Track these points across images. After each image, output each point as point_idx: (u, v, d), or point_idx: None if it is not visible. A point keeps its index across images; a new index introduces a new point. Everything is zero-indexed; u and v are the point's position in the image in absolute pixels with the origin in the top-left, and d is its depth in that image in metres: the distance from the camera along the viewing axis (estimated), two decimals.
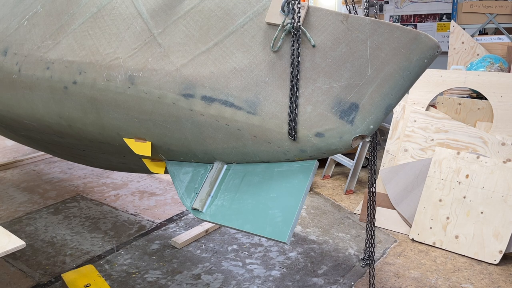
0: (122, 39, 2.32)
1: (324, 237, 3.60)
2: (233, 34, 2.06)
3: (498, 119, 3.61)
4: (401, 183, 3.80)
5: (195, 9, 2.17)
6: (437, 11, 5.85)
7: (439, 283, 3.00)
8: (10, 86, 2.76)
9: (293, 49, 1.90)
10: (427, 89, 3.97)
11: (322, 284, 2.96)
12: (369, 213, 2.90)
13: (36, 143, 3.48)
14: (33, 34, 2.67)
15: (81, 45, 2.44)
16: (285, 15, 1.92)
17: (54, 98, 2.54)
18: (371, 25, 1.82)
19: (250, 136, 1.99)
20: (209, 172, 2.21)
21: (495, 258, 3.21)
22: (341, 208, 4.20)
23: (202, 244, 3.46)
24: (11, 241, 2.09)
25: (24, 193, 4.38)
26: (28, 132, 3.09)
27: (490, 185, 3.38)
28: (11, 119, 2.99)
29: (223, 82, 2.03)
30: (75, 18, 2.52)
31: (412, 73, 1.81)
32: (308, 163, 1.97)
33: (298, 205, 1.92)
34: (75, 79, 2.41)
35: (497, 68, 3.96)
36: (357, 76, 1.83)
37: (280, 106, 1.92)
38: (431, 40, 1.77)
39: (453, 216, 3.45)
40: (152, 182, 4.70)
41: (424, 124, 3.88)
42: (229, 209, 2.08)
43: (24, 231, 3.57)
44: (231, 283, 2.95)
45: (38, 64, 2.57)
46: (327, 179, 4.98)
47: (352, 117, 1.83)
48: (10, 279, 2.94)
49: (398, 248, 3.45)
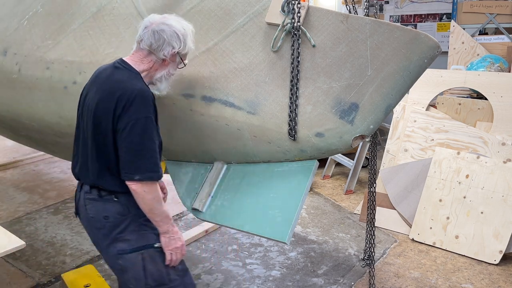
0: (122, 39, 2.33)
1: (324, 237, 3.60)
2: (233, 34, 2.06)
3: (498, 119, 3.61)
4: (401, 183, 3.80)
5: (195, 9, 2.17)
6: (437, 11, 5.84)
7: (439, 283, 3.00)
8: (10, 86, 2.76)
9: (293, 49, 1.90)
10: (427, 89, 3.96)
11: (322, 284, 2.96)
12: (369, 213, 2.90)
13: (36, 143, 3.48)
14: (33, 34, 2.67)
15: (81, 45, 2.44)
16: (285, 15, 1.92)
17: (54, 98, 2.54)
18: (371, 25, 1.82)
19: (250, 136, 1.99)
20: (209, 172, 2.21)
21: (495, 258, 3.21)
22: (341, 208, 4.20)
23: (202, 244, 3.46)
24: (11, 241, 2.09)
25: (24, 193, 4.38)
26: (28, 132, 3.09)
27: (490, 185, 3.38)
28: (11, 119, 3.00)
29: (223, 82, 2.03)
30: (75, 18, 2.52)
31: (412, 73, 1.81)
32: (308, 163, 1.97)
33: (298, 205, 1.92)
34: (75, 79, 2.41)
35: (497, 68, 3.96)
36: (357, 76, 1.83)
37: (280, 106, 1.92)
38: (431, 40, 1.77)
39: (453, 216, 3.45)
40: None
41: (424, 124, 3.88)
42: (229, 209, 2.08)
43: (24, 231, 3.57)
44: (231, 283, 2.95)
45: (38, 64, 2.57)
46: (327, 179, 4.98)
47: (352, 117, 1.83)
48: (10, 279, 2.93)
49: (398, 248, 3.45)
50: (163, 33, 1.76)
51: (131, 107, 1.66)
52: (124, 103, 1.67)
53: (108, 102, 1.70)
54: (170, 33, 1.77)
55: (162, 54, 1.78)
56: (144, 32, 1.79)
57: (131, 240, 1.80)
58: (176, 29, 1.79)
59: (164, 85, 1.88)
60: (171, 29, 1.78)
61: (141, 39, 1.80)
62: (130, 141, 1.67)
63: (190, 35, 1.85)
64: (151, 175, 1.70)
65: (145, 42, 1.78)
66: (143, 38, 1.79)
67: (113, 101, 1.68)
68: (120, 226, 1.80)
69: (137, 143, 1.67)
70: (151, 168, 1.69)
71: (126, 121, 1.66)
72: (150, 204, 1.73)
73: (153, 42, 1.77)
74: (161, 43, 1.77)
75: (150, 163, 1.69)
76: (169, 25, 1.78)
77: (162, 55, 1.79)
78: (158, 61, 1.82)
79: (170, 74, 1.89)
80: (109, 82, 1.76)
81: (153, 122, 1.71)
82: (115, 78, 1.76)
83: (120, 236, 1.80)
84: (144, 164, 1.69)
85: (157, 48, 1.78)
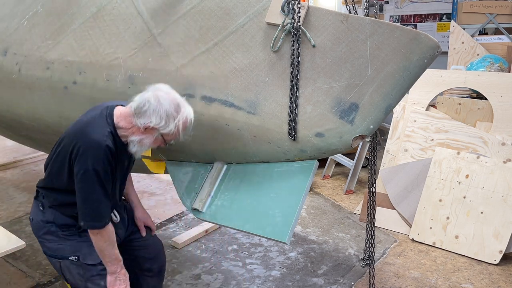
0: (122, 39, 2.32)
1: (324, 237, 3.60)
2: (233, 34, 2.06)
3: (498, 119, 3.61)
4: (401, 183, 3.80)
5: (195, 9, 2.17)
6: (437, 11, 5.84)
7: (439, 283, 3.00)
8: (10, 86, 2.76)
9: (293, 49, 1.90)
10: (427, 89, 3.96)
11: (322, 284, 2.96)
12: (369, 213, 2.90)
13: (36, 143, 3.47)
14: (33, 34, 2.66)
15: (81, 45, 2.44)
16: (285, 15, 1.92)
17: (54, 98, 2.54)
18: (371, 25, 1.82)
19: (250, 136, 1.99)
20: (209, 172, 2.21)
21: (495, 258, 3.21)
22: (341, 208, 4.20)
23: (202, 244, 3.46)
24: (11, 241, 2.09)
25: (24, 193, 4.38)
26: (28, 132, 3.09)
27: (490, 185, 3.38)
28: (11, 119, 2.99)
29: (223, 82, 2.03)
30: (75, 18, 2.51)
31: (412, 73, 1.81)
32: (308, 163, 1.97)
33: (298, 205, 1.92)
34: (75, 79, 2.41)
35: (497, 68, 3.96)
36: (357, 76, 1.83)
37: (280, 106, 1.92)
38: (431, 40, 1.77)
39: (453, 216, 3.45)
40: (152, 182, 4.70)
41: (424, 124, 3.88)
42: (229, 209, 2.08)
43: (24, 231, 3.57)
44: (231, 283, 2.96)
45: (38, 64, 2.57)
46: (327, 179, 4.98)
47: (352, 117, 1.83)
48: (10, 279, 2.93)
49: (398, 248, 3.45)
50: (149, 104, 1.80)
51: (82, 157, 1.79)
52: (77, 152, 1.80)
53: (69, 144, 1.85)
54: (154, 107, 1.79)
55: (139, 122, 1.83)
56: (142, 93, 1.85)
57: (50, 247, 2.00)
58: (164, 107, 1.79)
59: (135, 150, 1.91)
60: (158, 105, 1.79)
61: (134, 99, 1.86)
62: (79, 188, 1.82)
63: (181, 120, 1.83)
64: (94, 224, 1.85)
65: (134, 103, 1.85)
66: (136, 99, 1.85)
67: (71, 145, 1.83)
68: (41, 230, 2.01)
69: (84, 192, 1.82)
70: (94, 217, 1.84)
71: (77, 169, 1.81)
72: (99, 246, 1.90)
73: (139, 106, 1.82)
74: (142, 111, 1.81)
75: (94, 212, 1.84)
76: (160, 101, 1.80)
77: (139, 123, 1.83)
78: (137, 126, 1.86)
79: (143, 144, 1.90)
80: (79, 124, 1.90)
81: (100, 174, 1.80)
82: (85, 122, 1.89)
83: (42, 239, 2.02)
84: (88, 213, 1.84)
85: (138, 114, 1.83)
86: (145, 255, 2.24)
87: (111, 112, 1.90)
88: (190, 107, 1.88)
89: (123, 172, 2.04)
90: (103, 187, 1.83)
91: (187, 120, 1.85)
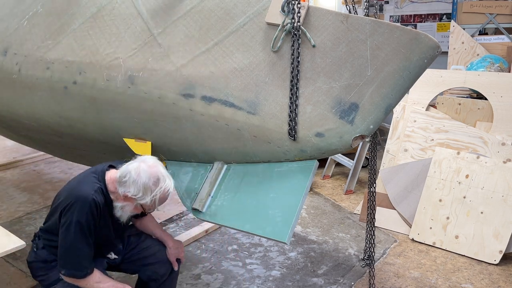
0: (122, 39, 2.32)
1: (324, 237, 3.60)
2: (233, 34, 2.06)
3: (498, 119, 3.61)
4: (401, 183, 3.80)
5: (195, 9, 2.17)
6: (437, 11, 5.84)
7: (439, 283, 3.00)
8: (10, 86, 2.76)
9: (293, 49, 1.90)
10: (427, 89, 3.96)
11: (322, 284, 2.96)
12: (369, 213, 2.90)
13: (36, 143, 3.48)
14: (33, 34, 2.66)
15: (81, 45, 2.44)
16: (285, 15, 1.92)
17: (54, 98, 2.54)
18: (371, 25, 1.82)
19: (250, 136, 1.99)
20: (209, 172, 2.21)
21: (495, 258, 3.21)
22: (341, 208, 4.20)
23: (202, 244, 3.46)
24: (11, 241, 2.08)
25: (24, 193, 4.38)
26: (28, 132, 3.09)
27: (490, 185, 3.38)
28: (11, 119, 2.99)
29: (223, 82, 2.03)
30: (75, 18, 2.52)
31: (412, 73, 1.81)
32: (308, 163, 1.97)
33: (298, 205, 1.92)
34: (75, 79, 2.41)
35: (497, 68, 3.96)
36: (357, 76, 1.83)
37: (280, 106, 1.92)
38: (431, 40, 1.77)
39: (453, 216, 3.45)
40: None
41: (424, 124, 3.88)
42: (229, 209, 2.08)
43: (24, 231, 3.57)
44: (231, 283, 2.96)
45: (38, 64, 2.57)
46: (327, 179, 4.98)
47: (352, 117, 1.83)
48: (10, 279, 2.93)
49: (398, 248, 3.45)
50: (130, 175, 1.92)
51: (70, 209, 1.91)
52: (65, 204, 1.93)
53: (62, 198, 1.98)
54: (134, 179, 1.91)
55: (120, 190, 1.96)
56: (129, 162, 1.98)
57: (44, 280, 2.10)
58: (142, 180, 1.91)
59: (119, 214, 2.04)
60: (138, 177, 1.91)
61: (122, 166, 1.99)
62: (62, 238, 1.93)
63: (158, 194, 1.94)
64: (74, 273, 1.95)
65: (119, 170, 1.98)
66: (123, 167, 1.98)
67: (62, 198, 1.98)
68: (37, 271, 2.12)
69: (66, 242, 1.92)
70: (75, 267, 1.94)
71: (64, 220, 1.93)
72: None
73: (121, 175, 1.95)
74: (123, 181, 1.94)
75: (75, 262, 1.94)
76: (140, 174, 1.92)
77: (120, 191, 1.96)
78: (118, 193, 1.98)
79: (125, 210, 2.03)
80: (74, 181, 2.05)
81: (83, 226, 1.91)
82: (78, 180, 2.04)
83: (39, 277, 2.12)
84: (70, 262, 1.94)
85: (119, 183, 1.96)
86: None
87: (104, 172, 2.04)
88: (171, 180, 1.98)
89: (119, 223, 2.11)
90: (86, 238, 1.93)
91: (164, 194, 1.97)
